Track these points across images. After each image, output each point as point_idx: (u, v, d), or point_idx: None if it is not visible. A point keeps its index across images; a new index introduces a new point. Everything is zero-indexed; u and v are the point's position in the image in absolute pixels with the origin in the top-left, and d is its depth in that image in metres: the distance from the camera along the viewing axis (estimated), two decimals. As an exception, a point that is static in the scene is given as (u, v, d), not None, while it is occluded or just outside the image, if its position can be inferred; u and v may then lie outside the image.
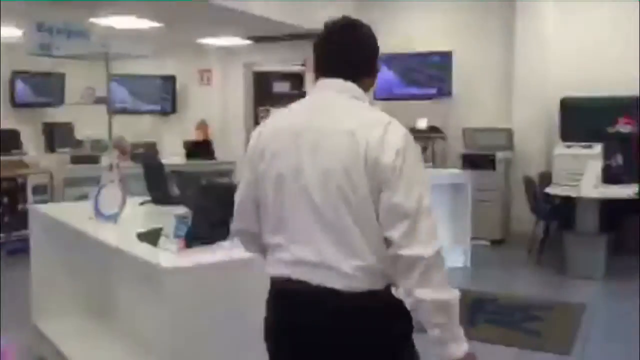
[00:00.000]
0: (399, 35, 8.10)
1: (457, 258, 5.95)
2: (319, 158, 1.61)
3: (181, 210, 2.94)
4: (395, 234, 1.56)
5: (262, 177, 1.71)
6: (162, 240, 2.41)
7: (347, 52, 1.75)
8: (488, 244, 6.92)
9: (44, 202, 6.15)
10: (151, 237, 2.52)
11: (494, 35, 7.69)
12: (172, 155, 8.09)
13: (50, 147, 8.17)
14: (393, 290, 1.66)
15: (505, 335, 4.24)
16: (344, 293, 1.58)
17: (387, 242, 1.58)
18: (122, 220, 3.04)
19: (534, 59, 7.31)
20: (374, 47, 1.81)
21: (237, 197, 1.83)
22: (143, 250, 2.38)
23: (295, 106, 1.79)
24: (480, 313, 4.63)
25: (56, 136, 8.29)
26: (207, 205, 2.63)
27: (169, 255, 2.27)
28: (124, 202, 3.02)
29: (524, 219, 6.73)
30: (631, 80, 6.67)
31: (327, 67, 1.76)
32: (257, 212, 1.76)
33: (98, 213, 3.02)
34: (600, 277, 5.50)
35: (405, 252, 1.55)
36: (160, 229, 2.46)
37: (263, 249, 1.79)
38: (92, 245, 2.83)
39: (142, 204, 3.72)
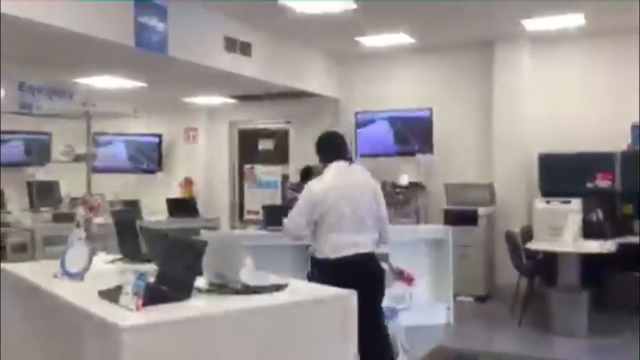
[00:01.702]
0: (379, 93, 8.29)
1: (439, 315, 5.89)
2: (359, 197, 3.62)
3: (150, 267, 2.92)
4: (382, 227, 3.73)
5: (326, 209, 3.52)
6: (122, 297, 2.37)
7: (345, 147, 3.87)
8: (472, 300, 6.86)
9: (23, 260, 6.07)
10: (112, 294, 2.47)
11: (472, 93, 7.87)
12: (156, 213, 8.06)
13: (34, 205, 8.14)
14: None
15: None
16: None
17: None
18: (89, 278, 2.99)
19: (512, 115, 7.47)
20: None
21: (298, 218, 3.58)
22: (101, 308, 2.34)
23: (330, 175, 3.67)
24: (461, 372, 4.54)
25: (40, 194, 8.27)
26: (172, 261, 2.61)
27: (125, 313, 2.22)
28: (90, 260, 2.98)
29: (508, 274, 6.69)
30: (607, 136, 6.81)
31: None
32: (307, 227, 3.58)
33: (64, 271, 2.98)
34: (583, 334, 5.43)
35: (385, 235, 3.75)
36: (121, 286, 2.42)
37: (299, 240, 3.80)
38: (55, 304, 2.78)
39: (112, 261, 3.67)
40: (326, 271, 3.46)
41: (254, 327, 2.32)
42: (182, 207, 8.28)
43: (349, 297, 2.68)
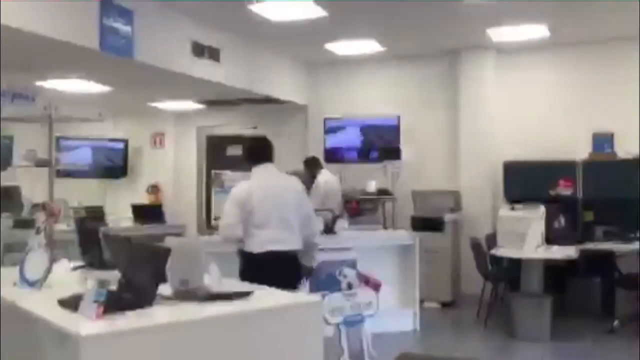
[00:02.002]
0: (348, 99, 8.33)
1: (406, 321, 5.91)
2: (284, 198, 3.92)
3: (113, 274, 2.86)
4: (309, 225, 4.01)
5: (252, 208, 3.79)
6: (81, 306, 2.32)
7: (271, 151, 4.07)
8: (438, 306, 6.91)
9: (-19, 268, 5.89)
10: (72, 303, 2.42)
11: (439, 100, 7.96)
12: (121, 220, 7.93)
13: (-6, 210, 7.92)
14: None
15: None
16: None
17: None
18: (49, 286, 2.92)
19: (478, 123, 7.58)
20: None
21: (229, 219, 3.84)
22: (60, 316, 2.28)
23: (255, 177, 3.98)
24: (426, 378, 4.55)
25: (2, 200, 8.05)
26: (134, 268, 2.56)
27: (85, 322, 2.17)
28: (50, 267, 2.91)
29: (474, 281, 6.77)
30: (570, 144, 6.97)
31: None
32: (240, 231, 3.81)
33: (22, 279, 2.90)
34: (547, 339, 5.52)
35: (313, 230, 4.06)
36: (81, 295, 2.37)
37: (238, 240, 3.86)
38: (14, 313, 2.70)
39: (75, 268, 3.60)
40: (251, 264, 3.79)
41: (217, 336, 2.29)
42: (148, 213, 8.16)
43: (315, 305, 2.67)
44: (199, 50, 6.55)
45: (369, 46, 7.52)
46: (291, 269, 3.85)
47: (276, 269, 3.59)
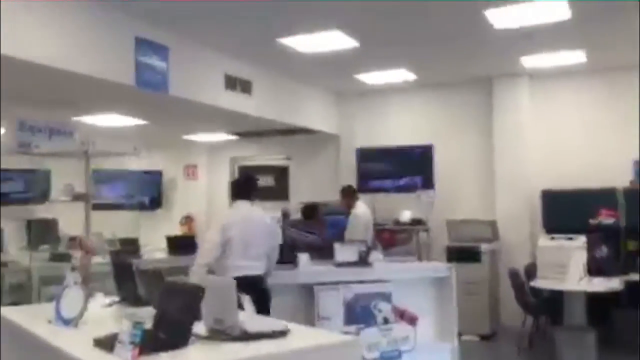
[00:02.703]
0: (380, 129, 8.30)
1: (444, 355, 5.72)
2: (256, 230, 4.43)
3: (148, 312, 2.83)
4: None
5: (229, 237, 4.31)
6: (117, 347, 2.29)
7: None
8: (477, 339, 6.72)
9: (19, 302, 5.96)
10: (108, 343, 2.39)
11: (473, 128, 7.87)
12: (156, 251, 7.97)
13: (33, 244, 8.05)
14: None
15: None
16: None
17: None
18: (84, 323, 2.91)
19: (513, 151, 7.45)
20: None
21: (211, 245, 4.33)
22: (95, 358, 2.26)
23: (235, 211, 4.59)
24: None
25: (39, 233, 8.19)
26: (169, 307, 2.53)
27: (121, 365, 2.15)
28: (85, 305, 2.90)
29: (514, 312, 6.58)
30: (609, 172, 6.78)
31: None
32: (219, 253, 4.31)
33: (58, 316, 2.90)
34: (592, 374, 5.30)
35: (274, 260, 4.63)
36: (117, 335, 2.34)
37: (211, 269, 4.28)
38: (49, 353, 2.69)
39: (110, 304, 3.59)
40: None
41: (255, 377, 2.24)
42: (181, 244, 8.16)
43: (354, 344, 2.60)
44: (232, 83, 6.62)
45: (399, 75, 7.50)
46: (261, 292, 4.28)
47: (247, 292, 3.65)
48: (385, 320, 4.52)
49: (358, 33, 5.76)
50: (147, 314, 2.68)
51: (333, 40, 5.98)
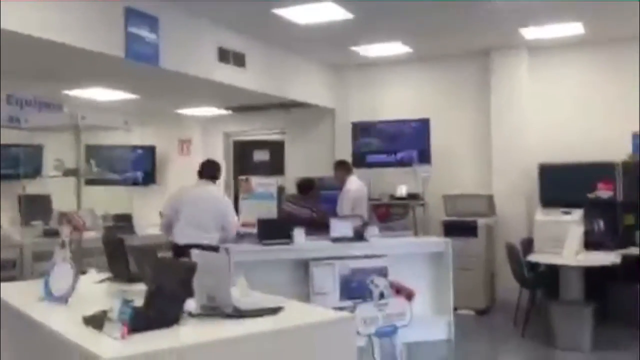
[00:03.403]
0: (375, 103, 8.19)
1: (440, 330, 5.73)
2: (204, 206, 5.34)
3: (139, 287, 2.78)
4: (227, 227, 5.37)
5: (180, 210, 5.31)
6: (106, 324, 2.23)
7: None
8: (473, 313, 6.72)
9: (12, 278, 5.91)
10: (97, 320, 2.33)
11: (470, 102, 7.77)
12: (148, 226, 7.89)
13: (25, 220, 7.97)
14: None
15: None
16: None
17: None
18: (75, 301, 2.85)
19: (510, 125, 7.37)
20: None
21: (163, 219, 5.58)
22: (84, 336, 2.20)
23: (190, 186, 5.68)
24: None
25: (32, 209, 8.10)
26: (160, 285, 2.47)
27: (110, 343, 2.08)
28: (75, 282, 2.84)
29: (510, 286, 6.55)
30: (608, 145, 6.71)
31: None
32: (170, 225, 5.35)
33: (48, 293, 2.84)
34: (587, 348, 5.30)
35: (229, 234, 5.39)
36: (106, 312, 2.28)
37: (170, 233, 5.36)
38: (38, 331, 2.63)
39: (101, 281, 3.53)
40: (173, 252, 5.13)
41: (247, 354, 2.18)
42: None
43: (349, 320, 2.54)
44: (225, 56, 6.48)
45: (396, 48, 7.37)
46: None
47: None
48: (382, 295, 4.48)
49: (352, 4, 5.62)
50: (138, 291, 2.62)
51: (327, 11, 5.84)
